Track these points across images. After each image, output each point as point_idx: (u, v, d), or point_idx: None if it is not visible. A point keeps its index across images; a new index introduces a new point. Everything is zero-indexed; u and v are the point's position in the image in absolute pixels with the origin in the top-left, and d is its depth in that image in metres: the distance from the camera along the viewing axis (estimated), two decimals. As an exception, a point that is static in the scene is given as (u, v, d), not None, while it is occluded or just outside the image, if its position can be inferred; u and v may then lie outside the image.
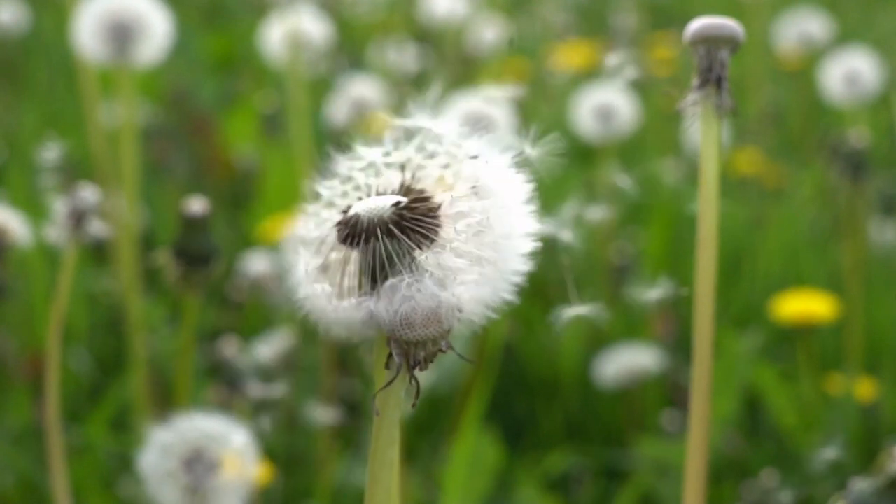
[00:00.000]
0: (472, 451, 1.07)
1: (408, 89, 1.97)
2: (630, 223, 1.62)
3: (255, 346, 1.23)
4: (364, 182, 0.43)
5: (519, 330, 1.38)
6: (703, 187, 0.51)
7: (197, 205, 0.86)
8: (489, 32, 2.23)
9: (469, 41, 2.23)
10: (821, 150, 1.76)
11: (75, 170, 1.48)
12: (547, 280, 1.50)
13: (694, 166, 1.64)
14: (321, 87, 1.83)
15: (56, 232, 0.77)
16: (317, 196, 0.44)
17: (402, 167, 0.43)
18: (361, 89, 1.68)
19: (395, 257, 0.41)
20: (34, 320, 1.32)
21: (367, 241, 0.41)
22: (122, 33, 1.16)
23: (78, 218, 0.76)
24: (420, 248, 0.41)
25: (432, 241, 0.41)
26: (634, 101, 1.60)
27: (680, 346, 1.35)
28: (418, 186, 0.43)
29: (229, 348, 0.97)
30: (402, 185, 0.43)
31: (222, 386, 0.97)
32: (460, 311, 0.40)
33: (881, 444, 1.16)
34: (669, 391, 1.30)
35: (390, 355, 0.40)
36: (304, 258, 0.42)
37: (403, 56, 2.10)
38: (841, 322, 1.30)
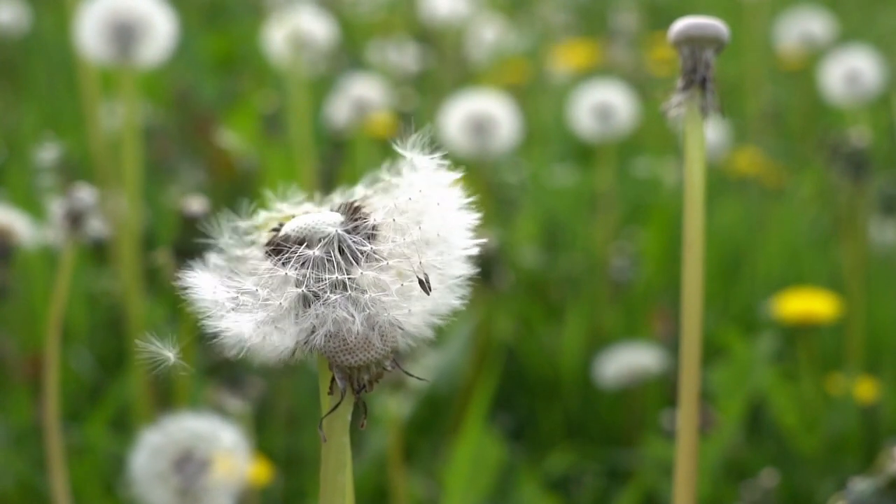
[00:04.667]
0: (474, 451, 1.07)
1: (408, 89, 1.97)
2: (630, 223, 1.62)
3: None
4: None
5: (519, 330, 1.38)
6: (690, 190, 0.50)
7: (196, 204, 0.86)
8: (489, 32, 2.23)
9: (469, 41, 2.23)
10: (821, 150, 1.75)
11: (75, 170, 1.47)
12: (547, 280, 1.50)
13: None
14: (321, 87, 1.83)
15: (54, 232, 0.77)
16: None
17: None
18: (361, 89, 1.68)
19: (328, 277, 0.38)
20: (34, 320, 1.32)
21: (298, 260, 0.38)
22: (125, 33, 1.16)
23: (75, 219, 0.76)
24: (357, 265, 0.38)
25: (368, 257, 0.38)
26: (633, 100, 1.60)
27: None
28: (355, 204, 0.40)
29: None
30: (338, 205, 0.40)
31: (222, 386, 0.97)
32: (402, 328, 0.38)
33: (881, 444, 1.16)
34: (669, 391, 1.30)
35: (333, 380, 0.38)
36: (221, 283, 0.40)
37: (404, 56, 2.10)
38: (841, 322, 1.30)
